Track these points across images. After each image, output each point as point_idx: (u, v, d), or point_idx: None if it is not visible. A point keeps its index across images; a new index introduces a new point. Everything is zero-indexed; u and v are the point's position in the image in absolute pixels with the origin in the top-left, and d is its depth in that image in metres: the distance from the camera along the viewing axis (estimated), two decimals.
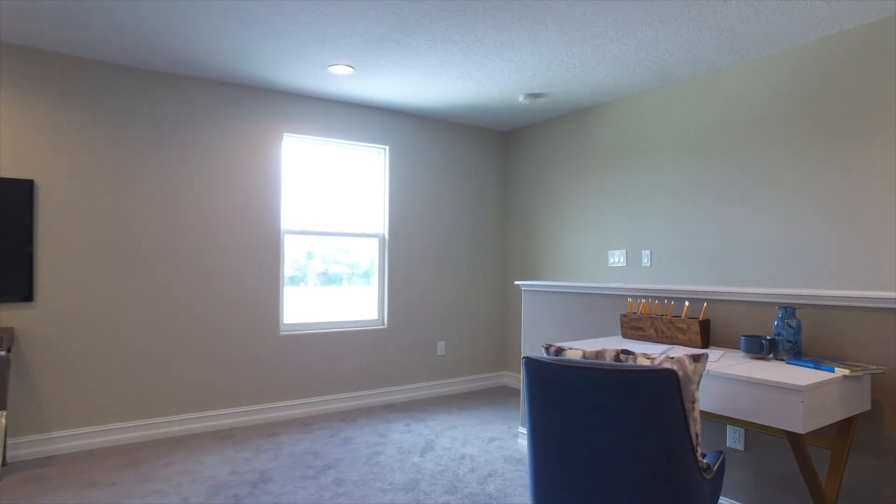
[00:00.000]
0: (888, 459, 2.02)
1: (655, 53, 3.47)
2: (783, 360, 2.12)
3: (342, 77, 3.97)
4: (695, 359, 1.65)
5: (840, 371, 1.88)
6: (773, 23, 3.02)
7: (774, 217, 3.37)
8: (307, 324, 4.45)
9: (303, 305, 4.45)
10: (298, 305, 4.43)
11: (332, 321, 4.56)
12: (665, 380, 1.54)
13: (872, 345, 2.08)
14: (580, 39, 3.28)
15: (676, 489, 1.58)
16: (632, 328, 2.76)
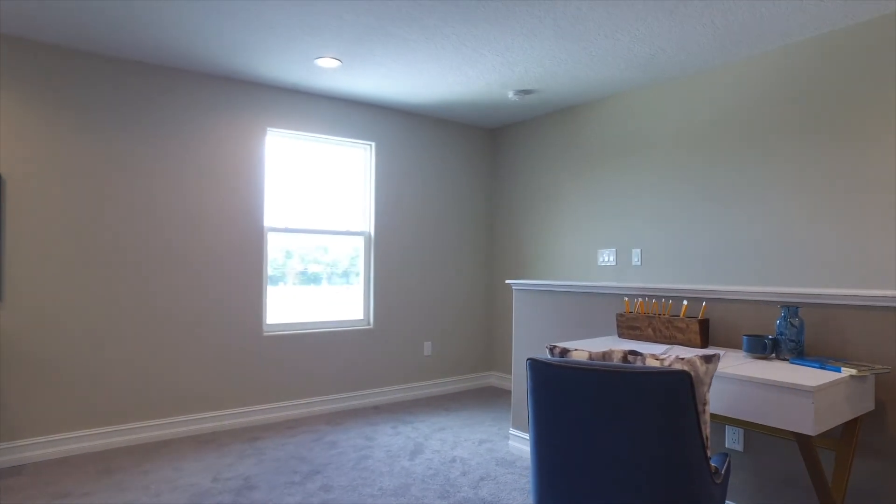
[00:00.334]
0: (892, 459, 2.00)
1: (649, 50, 3.43)
2: (786, 360, 2.09)
3: (329, 70, 3.85)
4: (706, 359, 1.60)
5: (847, 371, 1.84)
6: (768, 19, 3.00)
7: (767, 216, 3.36)
8: (291, 324, 4.32)
9: (283, 305, 4.32)
10: (279, 305, 4.30)
11: (317, 321, 4.44)
12: (679, 381, 1.48)
13: (875, 344, 2.05)
14: (574, 34, 3.23)
15: (689, 495, 1.52)
16: (628, 328, 2.71)
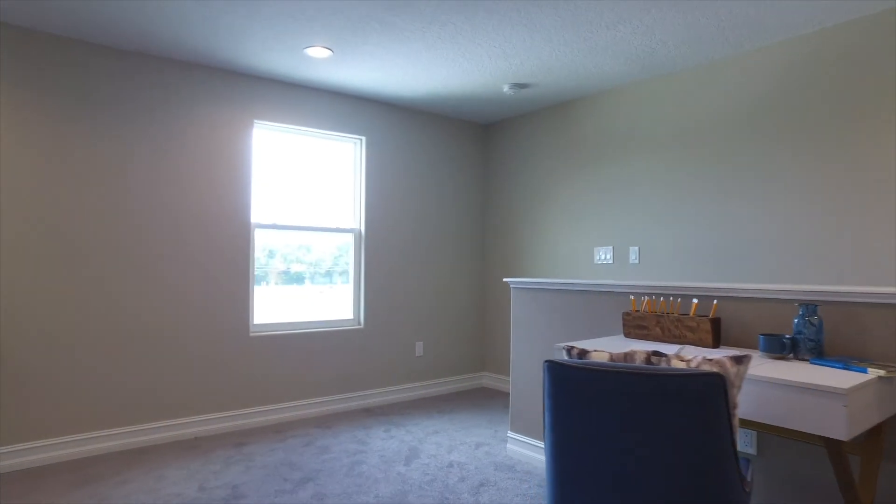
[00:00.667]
0: None
1: (650, 42, 3.35)
2: (806, 361, 2.00)
3: (319, 61, 3.71)
4: (737, 361, 1.50)
5: (874, 372, 1.77)
6: (772, 12, 2.94)
7: (770, 212, 3.30)
8: (279, 324, 4.16)
9: (267, 305, 4.15)
10: (263, 305, 4.14)
11: (306, 321, 4.28)
12: (712, 385, 1.39)
13: None
14: (574, 25, 3.13)
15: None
16: (635, 327, 2.61)
